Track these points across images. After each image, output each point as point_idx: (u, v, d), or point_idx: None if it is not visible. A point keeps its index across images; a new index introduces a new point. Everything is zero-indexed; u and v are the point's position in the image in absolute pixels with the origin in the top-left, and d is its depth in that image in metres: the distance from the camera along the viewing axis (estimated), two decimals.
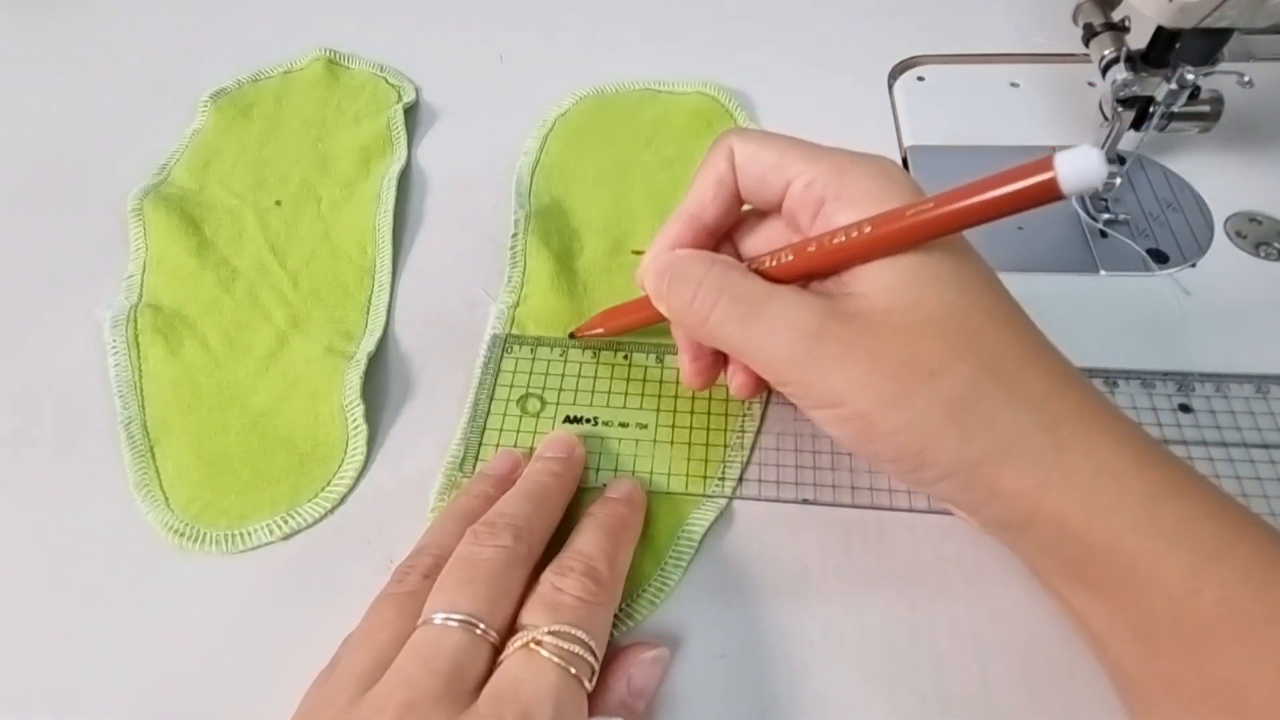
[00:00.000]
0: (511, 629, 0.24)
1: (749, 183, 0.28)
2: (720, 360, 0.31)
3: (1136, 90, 0.37)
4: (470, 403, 0.33)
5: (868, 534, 0.29)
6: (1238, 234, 0.38)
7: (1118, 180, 0.40)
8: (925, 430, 0.23)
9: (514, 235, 0.38)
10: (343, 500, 0.31)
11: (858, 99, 0.45)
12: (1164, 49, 0.35)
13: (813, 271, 0.26)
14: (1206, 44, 0.35)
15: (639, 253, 0.37)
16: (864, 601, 0.28)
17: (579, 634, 0.23)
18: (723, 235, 0.30)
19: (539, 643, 0.23)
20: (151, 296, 0.37)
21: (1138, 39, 0.37)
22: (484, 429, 0.32)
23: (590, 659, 0.24)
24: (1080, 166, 0.20)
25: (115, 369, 0.34)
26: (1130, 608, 0.22)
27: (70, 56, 0.50)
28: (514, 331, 0.35)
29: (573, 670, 0.23)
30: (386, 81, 0.47)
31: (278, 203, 0.41)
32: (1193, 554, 0.21)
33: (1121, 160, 0.40)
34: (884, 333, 0.23)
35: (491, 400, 0.33)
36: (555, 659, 0.23)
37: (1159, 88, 0.36)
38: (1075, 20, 0.39)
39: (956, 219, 0.22)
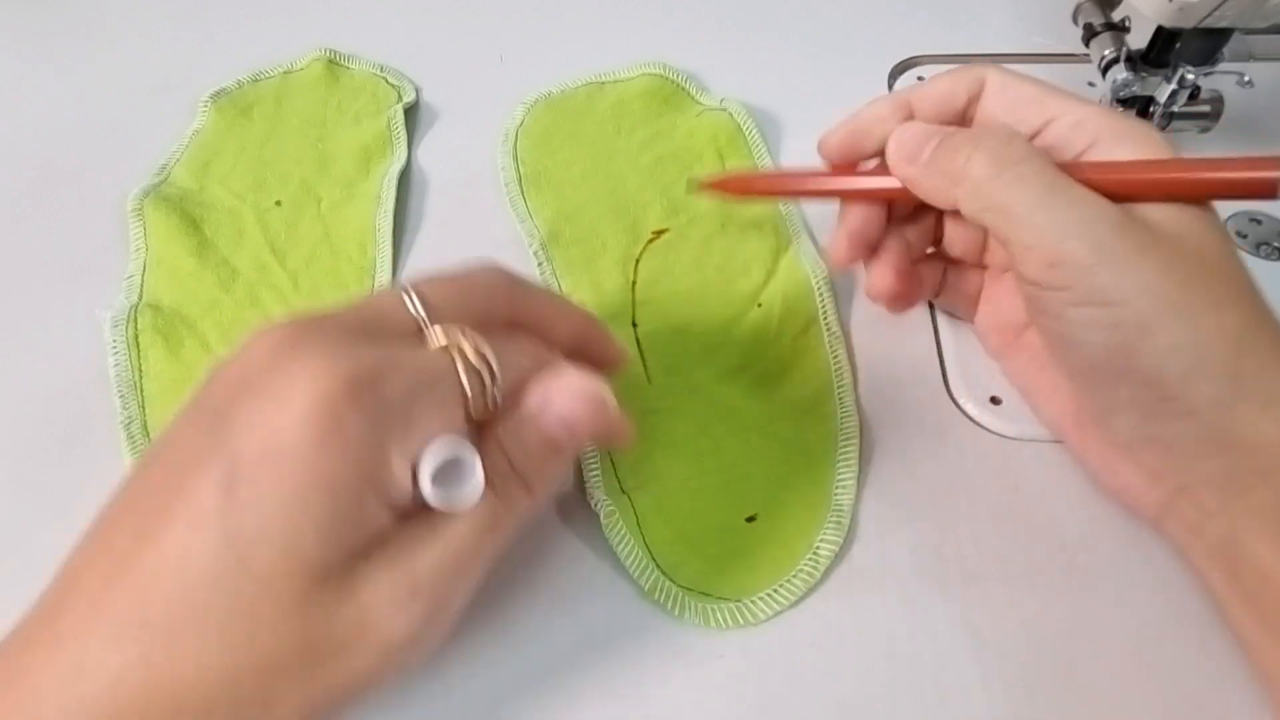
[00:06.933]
0: None
1: (995, 108, 0.28)
2: (874, 244, 0.31)
3: (1136, 90, 0.37)
4: None
5: (868, 533, 0.29)
6: (1238, 234, 0.38)
7: None
8: (1200, 351, 0.22)
9: (539, 266, 0.37)
10: None
11: (858, 99, 0.45)
12: (1164, 49, 0.35)
13: (1107, 189, 0.24)
14: (1206, 44, 0.35)
15: (659, 232, 0.37)
16: (865, 601, 0.28)
17: (486, 350, 0.22)
18: None
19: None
20: (151, 296, 0.37)
21: (1138, 39, 0.37)
22: None
23: (486, 376, 0.22)
24: None
25: (115, 369, 0.34)
26: None
27: (70, 56, 0.50)
28: None
29: (459, 363, 0.21)
30: (386, 81, 0.47)
31: (278, 203, 0.41)
32: None
33: None
34: (1177, 250, 0.23)
35: None
36: (450, 349, 0.21)
37: (1159, 88, 0.36)
38: (1075, 20, 0.39)
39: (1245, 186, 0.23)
